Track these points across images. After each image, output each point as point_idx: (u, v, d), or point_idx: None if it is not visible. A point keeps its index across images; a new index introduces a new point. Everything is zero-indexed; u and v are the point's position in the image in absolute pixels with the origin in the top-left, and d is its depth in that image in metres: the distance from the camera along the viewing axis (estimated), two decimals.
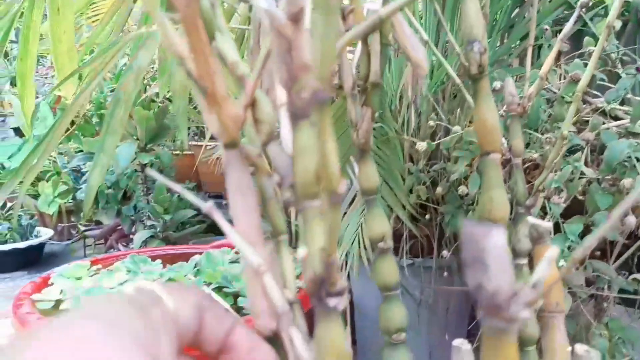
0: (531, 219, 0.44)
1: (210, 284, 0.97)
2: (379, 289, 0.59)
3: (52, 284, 1.00)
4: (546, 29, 0.91)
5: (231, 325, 0.24)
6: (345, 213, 1.18)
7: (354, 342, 1.31)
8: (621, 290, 0.87)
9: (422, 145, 0.77)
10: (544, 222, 0.43)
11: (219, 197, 2.02)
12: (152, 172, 0.30)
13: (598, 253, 0.79)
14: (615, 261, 0.76)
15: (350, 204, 1.17)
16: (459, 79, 0.53)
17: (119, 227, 1.83)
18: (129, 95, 0.65)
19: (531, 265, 0.56)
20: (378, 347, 0.61)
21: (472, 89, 0.53)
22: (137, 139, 1.57)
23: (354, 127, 0.54)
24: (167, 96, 1.88)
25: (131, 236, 1.69)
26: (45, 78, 2.47)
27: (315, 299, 0.21)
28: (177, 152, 2.40)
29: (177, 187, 0.23)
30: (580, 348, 0.44)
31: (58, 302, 0.93)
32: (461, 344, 0.46)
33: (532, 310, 0.18)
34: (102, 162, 0.47)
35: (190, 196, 0.24)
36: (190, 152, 2.31)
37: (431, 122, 0.79)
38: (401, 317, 0.58)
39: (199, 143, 2.07)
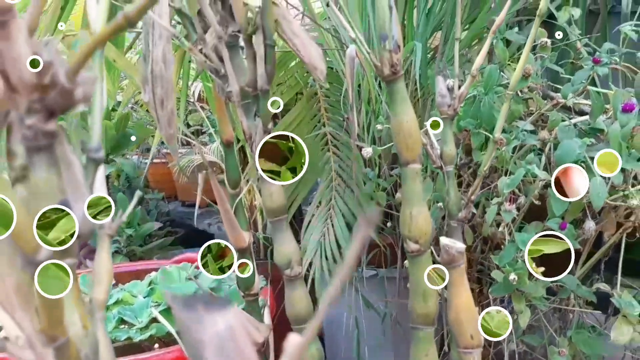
0: (444, 239, 0.39)
1: (159, 304, 0.91)
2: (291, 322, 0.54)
3: None
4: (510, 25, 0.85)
5: None
6: (309, 222, 1.13)
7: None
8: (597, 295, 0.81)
9: (367, 152, 0.71)
10: (457, 243, 0.38)
11: (193, 205, 1.97)
12: None
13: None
14: (582, 266, 0.70)
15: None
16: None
17: (88, 243, 1.77)
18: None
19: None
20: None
21: (387, 92, 0.47)
22: None
23: (247, 141, 0.48)
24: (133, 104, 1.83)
25: None
26: None
27: None
28: (156, 160, 2.35)
29: None
30: None
31: None
32: None
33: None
34: None
35: None
36: (164, 161, 2.26)
37: (378, 126, 0.74)
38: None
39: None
